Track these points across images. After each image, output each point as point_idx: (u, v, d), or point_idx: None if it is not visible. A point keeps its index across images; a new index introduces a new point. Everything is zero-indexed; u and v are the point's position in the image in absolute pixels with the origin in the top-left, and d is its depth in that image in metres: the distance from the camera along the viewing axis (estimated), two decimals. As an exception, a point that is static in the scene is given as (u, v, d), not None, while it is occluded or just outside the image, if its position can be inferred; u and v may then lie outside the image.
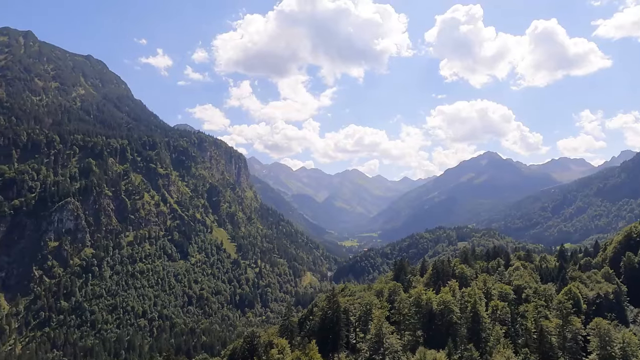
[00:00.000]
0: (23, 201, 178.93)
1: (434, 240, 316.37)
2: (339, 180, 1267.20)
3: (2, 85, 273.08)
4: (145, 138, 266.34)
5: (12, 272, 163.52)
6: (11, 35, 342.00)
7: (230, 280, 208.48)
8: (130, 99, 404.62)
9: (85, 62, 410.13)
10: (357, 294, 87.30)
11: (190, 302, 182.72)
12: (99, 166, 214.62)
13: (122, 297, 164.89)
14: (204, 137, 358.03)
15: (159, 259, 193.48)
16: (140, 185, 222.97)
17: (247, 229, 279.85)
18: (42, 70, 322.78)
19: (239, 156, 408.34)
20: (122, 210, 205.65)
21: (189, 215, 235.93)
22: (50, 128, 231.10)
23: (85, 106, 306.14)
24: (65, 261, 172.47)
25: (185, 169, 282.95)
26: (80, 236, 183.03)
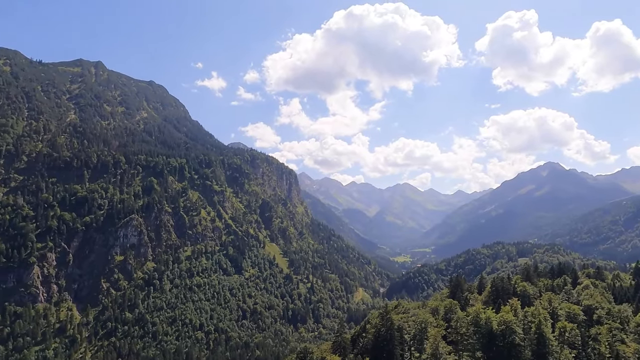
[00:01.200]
0: (93, 218, 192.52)
1: (492, 256, 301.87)
2: (389, 194, 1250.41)
3: (76, 112, 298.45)
4: (201, 157, 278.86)
5: (83, 284, 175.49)
6: (84, 66, 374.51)
7: (283, 295, 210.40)
8: (188, 120, 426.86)
9: (148, 87, 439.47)
10: (411, 312, 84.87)
11: (245, 316, 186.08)
12: (160, 184, 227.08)
13: (180, 309, 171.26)
14: (256, 154, 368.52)
15: (215, 273, 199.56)
16: (198, 202, 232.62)
17: (298, 244, 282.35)
18: (110, 97, 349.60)
19: (290, 172, 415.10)
20: (181, 226, 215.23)
21: (242, 230, 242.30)
22: (117, 149, 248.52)
23: (147, 128, 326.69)
24: (130, 274, 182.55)
25: (239, 186, 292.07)
26: (143, 250, 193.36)
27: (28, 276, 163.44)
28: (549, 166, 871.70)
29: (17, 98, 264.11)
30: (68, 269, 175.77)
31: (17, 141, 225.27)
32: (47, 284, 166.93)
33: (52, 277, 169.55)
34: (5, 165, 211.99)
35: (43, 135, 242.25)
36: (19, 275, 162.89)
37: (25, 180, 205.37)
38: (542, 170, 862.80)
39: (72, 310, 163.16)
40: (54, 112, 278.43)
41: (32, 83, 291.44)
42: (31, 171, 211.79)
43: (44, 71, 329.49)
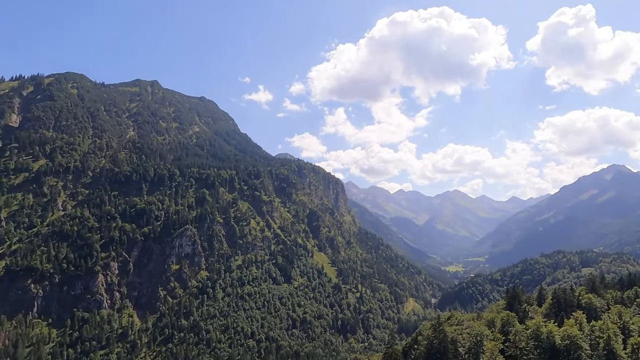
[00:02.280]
0: (151, 228, 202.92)
1: (552, 265, 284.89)
2: (439, 202, 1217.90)
3: (135, 129, 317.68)
4: (250, 168, 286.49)
5: (143, 291, 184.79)
6: (141, 86, 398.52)
7: (332, 304, 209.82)
8: (237, 133, 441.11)
9: (199, 103, 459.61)
10: (465, 324, 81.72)
11: (295, 325, 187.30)
12: (211, 195, 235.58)
13: (232, 317, 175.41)
14: (303, 164, 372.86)
15: (265, 282, 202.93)
16: (247, 212, 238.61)
17: (346, 253, 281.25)
18: (165, 113, 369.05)
19: (337, 181, 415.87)
20: (232, 236, 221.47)
21: (291, 240, 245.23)
22: (172, 163, 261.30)
23: (199, 142, 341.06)
24: (185, 283, 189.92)
25: (286, 196, 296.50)
26: (197, 260, 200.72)
27: (94, 284, 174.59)
28: (614, 169, 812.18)
29: (83, 118, 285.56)
30: (129, 277, 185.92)
31: (83, 158, 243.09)
32: (110, 292, 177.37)
33: (115, 285, 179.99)
34: (73, 180, 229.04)
35: (106, 152, 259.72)
36: (85, 282, 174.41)
37: (90, 194, 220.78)
38: (606, 174, 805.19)
39: (132, 317, 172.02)
40: (115, 130, 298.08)
41: (96, 104, 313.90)
42: (95, 185, 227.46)
43: (106, 92, 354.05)
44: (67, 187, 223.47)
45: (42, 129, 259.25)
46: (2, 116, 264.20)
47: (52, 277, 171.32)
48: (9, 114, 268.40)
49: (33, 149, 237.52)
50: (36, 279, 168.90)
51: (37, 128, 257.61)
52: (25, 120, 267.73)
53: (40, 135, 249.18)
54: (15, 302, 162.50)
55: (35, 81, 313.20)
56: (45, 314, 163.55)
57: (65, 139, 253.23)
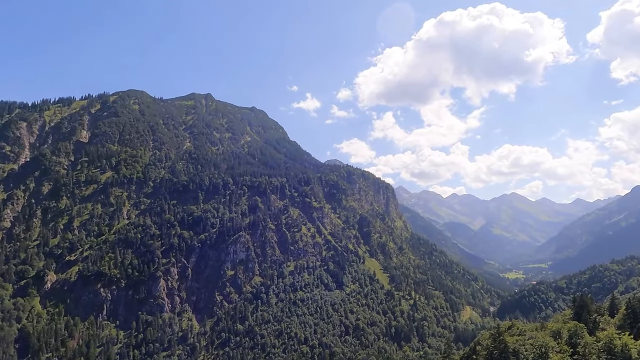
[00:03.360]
0: (207, 235, 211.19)
1: (625, 272, 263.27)
2: (495, 205, 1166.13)
3: (191, 140, 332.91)
4: (300, 175, 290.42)
5: (200, 296, 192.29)
6: (196, 99, 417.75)
7: (385, 311, 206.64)
8: (287, 141, 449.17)
9: (250, 113, 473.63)
10: (527, 334, 77.35)
11: (347, 332, 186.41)
12: (263, 203, 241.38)
13: (286, 323, 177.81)
14: (352, 170, 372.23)
15: (317, 288, 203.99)
16: (298, 219, 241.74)
17: (398, 259, 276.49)
18: (218, 125, 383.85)
19: (387, 186, 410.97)
20: (284, 242, 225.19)
21: (342, 246, 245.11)
22: (225, 172, 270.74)
23: (251, 151, 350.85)
24: (240, 288, 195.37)
25: (336, 202, 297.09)
26: (251, 266, 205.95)
27: (156, 288, 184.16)
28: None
29: (144, 132, 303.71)
30: (188, 282, 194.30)
31: (145, 169, 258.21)
32: (171, 296, 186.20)
33: (175, 290, 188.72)
34: (136, 191, 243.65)
35: (165, 163, 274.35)
36: (148, 287, 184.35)
37: (151, 203, 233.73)
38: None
39: (192, 321, 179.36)
40: (173, 142, 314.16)
41: (155, 118, 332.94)
42: (156, 195, 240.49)
43: (164, 106, 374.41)
44: (131, 197, 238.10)
45: (109, 143, 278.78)
46: (74, 133, 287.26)
47: (119, 282, 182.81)
48: (79, 131, 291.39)
49: (101, 162, 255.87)
50: (105, 284, 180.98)
51: (104, 142, 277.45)
52: (93, 135, 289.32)
53: (107, 149, 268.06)
54: (87, 305, 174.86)
55: (102, 99, 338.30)
56: (114, 317, 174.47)
57: (129, 152, 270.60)
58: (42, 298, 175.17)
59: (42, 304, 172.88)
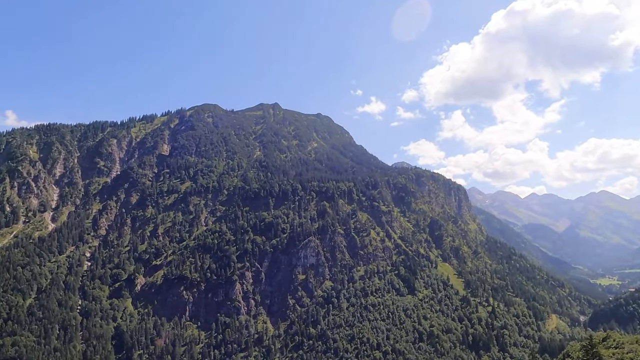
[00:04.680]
0: (278, 240, 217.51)
1: None
2: (581, 205, 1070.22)
3: (260, 149, 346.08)
4: (367, 179, 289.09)
5: (274, 300, 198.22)
6: (264, 109, 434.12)
7: (461, 318, 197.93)
8: (353, 145, 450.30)
9: (316, 119, 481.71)
10: (626, 347, 69.90)
11: (421, 339, 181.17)
12: (331, 208, 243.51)
13: (358, 328, 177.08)
14: (420, 172, 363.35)
15: (388, 293, 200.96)
16: (367, 223, 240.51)
17: (474, 264, 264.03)
18: (286, 132, 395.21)
19: (458, 188, 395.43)
20: (353, 247, 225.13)
21: (412, 250, 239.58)
22: (294, 178, 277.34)
23: (318, 157, 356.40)
24: (311, 292, 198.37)
25: (405, 205, 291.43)
26: (321, 270, 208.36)
27: (232, 291, 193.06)
28: None
29: (218, 143, 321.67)
30: (261, 286, 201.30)
31: (219, 178, 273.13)
32: (246, 299, 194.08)
33: (250, 293, 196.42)
34: (212, 199, 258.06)
35: (237, 172, 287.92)
36: (226, 290, 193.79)
37: (226, 210, 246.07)
38: None
39: (266, 323, 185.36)
40: (244, 151, 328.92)
41: (227, 129, 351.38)
42: (230, 202, 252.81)
43: (235, 118, 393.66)
44: (207, 205, 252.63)
45: (187, 155, 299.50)
46: (157, 147, 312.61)
47: (199, 285, 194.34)
48: (161, 145, 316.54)
49: (180, 173, 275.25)
50: (187, 287, 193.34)
51: (182, 155, 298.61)
52: (173, 148, 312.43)
53: (185, 161, 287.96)
54: (172, 306, 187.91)
55: (180, 114, 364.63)
56: (195, 318, 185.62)
57: (205, 163, 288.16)
58: (134, 299, 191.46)
59: (133, 304, 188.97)
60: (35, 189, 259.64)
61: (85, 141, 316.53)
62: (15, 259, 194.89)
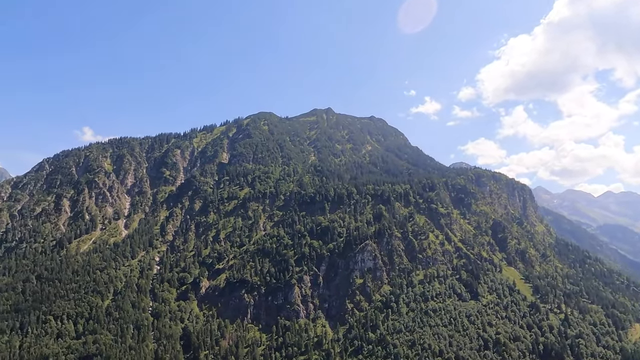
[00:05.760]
0: (335, 245, 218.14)
1: None
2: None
3: (315, 154, 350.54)
4: (424, 181, 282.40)
5: (332, 303, 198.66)
6: (317, 114, 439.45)
7: (530, 325, 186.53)
8: (408, 147, 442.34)
9: (370, 122, 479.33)
10: None
11: (487, 346, 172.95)
12: (387, 211, 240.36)
13: (418, 333, 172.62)
14: (480, 172, 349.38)
15: (449, 298, 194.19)
16: (425, 226, 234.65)
17: (542, 268, 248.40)
18: (339, 137, 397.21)
19: (522, 187, 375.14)
20: (411, 250, 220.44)
21: (474, 253, 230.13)
22: (349, 182, 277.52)
23: (372, 160, 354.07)
24: (369, 296, 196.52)
25: (465, 207, 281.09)
26: (379, 274, 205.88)
27: (291, 295, 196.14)
28: None
29: (274, 149, 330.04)
30: (319, 290, 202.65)
31: (276, 184, 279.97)
32: (305, 303, 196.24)
33: (309, 297, 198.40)
34: (270, 204, 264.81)
35: (293, 177, 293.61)
36: (285, 294, 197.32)
37: (283, 215, 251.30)
38: None
39: (325, 327, 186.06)
40: (299, 157, 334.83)
41: (282, 136, 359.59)
42: (287, 207, 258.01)
43: (290, 125, 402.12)
44: (265, 210, 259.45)
45: (244, 162, 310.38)
46: (217, 155, 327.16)
47: (259, 289, 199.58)
48: (221, 153, 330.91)
49: (239, 180, 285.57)
50: (248, 290, 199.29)
51: (240, 162, 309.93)
52: (232, 156, 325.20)
53: (244, 168, 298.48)
54: (234, 308, 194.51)
55: (237, 123, 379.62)
56: (256, 320, 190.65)
57: (262, 169, 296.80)
58: (199, 302, 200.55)
59: (199, 306, 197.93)
60: (110, 198, 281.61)
61: (152, 152, 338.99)
62: (94, 263, 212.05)
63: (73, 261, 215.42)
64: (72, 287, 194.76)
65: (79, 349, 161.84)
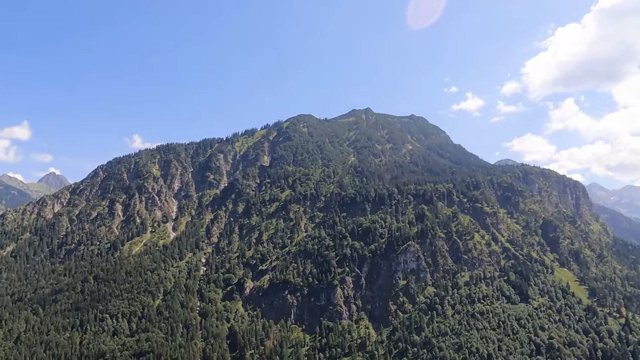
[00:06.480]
0: (377, 246, 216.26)
1: None
2: None
3: (355, 154, 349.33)
4: (468, 179, 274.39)
5: (375, 305, 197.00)
6: (356, 115, 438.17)
7: (586, 330, 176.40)
8: (450, 145, 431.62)
9: (410, 121, 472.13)
10: None
11: (539, 351, 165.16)
12: (430, 211, 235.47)
13: (465, 337, 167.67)
14: (528, 169, 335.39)
15: (497, 301, 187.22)
16: (469, 226, 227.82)
17: (599, 269, 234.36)
18: (379, 137, 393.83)
19: (575, 184, 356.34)
20: (455, 251, 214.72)
21: (523, 254, 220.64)
22: (390, 182, 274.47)
23: (413, 159, 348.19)
24: (413, 298, 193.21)
25: (512, 205, 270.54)
26: (422, 275, 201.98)
27: (333, 296, 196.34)
28: None
29: (314, 151, 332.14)
30: (362, 291, 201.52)
31: (316, 185, 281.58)
32: (347, 304, 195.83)
33: (351, 298, 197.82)
34: (310, 205, 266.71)
35: (333, 178, 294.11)
36: (327, 295, 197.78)
37: (324, 216, 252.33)
38: None
39: (368, 329, 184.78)
40: (339, 158, 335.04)
41: (322, 137, 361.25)
42: (328, 209, 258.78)
43: (329, 126, 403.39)
44: (306, 212, 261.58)
45: (285, 164, 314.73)
46: (258, 159, 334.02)
47: (302, 290, 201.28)
48: (262, 156, 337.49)
49: (280, 182, 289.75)
50: (291, 291, 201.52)
51: (281, 165, 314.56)
52: (273, 159, 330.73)
53: (284, 170, 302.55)
54: (278, 309, 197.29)
55: (277, 127, 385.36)
56: (300, 321, 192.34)
57: (302, 171, 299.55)
58: (244, 302, 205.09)
59: (244, 307, 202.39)
60: (159, 202, 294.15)
61: (197, 157, 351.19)
62: (145, 264, 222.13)
63: (126, 262, 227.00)
64: (125, 287, 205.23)
65: (133, 346, 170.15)
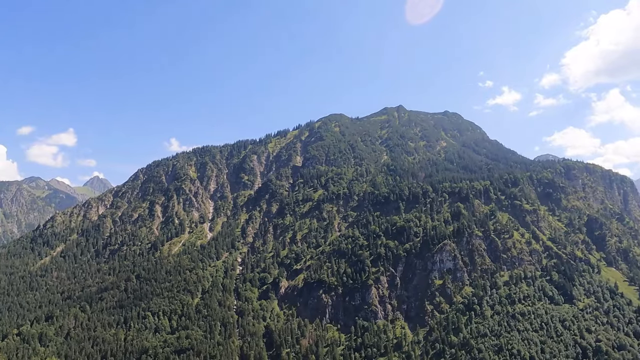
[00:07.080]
0: (412, 245, 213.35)
1: None
2: None
3: (387, 153, 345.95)
4: (506, 176, 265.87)
5: (411, 305, 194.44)
6: (388, 113, 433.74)
7: (637, 333, 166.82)
8: (486, 141, 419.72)
9: (443, 117, 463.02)
10: None
11: (585, 355, 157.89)
12: (466, 209, 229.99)
13: (506, 338, 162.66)
14: (570, 164, 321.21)
15: (540, 301, 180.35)
16: (508, 224, 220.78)
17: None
18: (412, 134, 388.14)
19: (622, 179, 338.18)
20: (494, 250, 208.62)
21: (567, 253, 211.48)
22: (424, 180, 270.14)
23: (448, 156, 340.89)
24: (450, 298, 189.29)
25: (554, 202, 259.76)
26: (459, 275, 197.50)
27: (368, 296, 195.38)
28: None
29: (346, 150, 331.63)
30: (397, 291, 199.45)
31: (349, 185, 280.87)
32: (383, 304, 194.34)
33: (386, 298, 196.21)
34: (344, 205, 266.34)
35: (366, 177, 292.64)
36: (362, 294, 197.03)
37: (358, 215, 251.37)
38: None
39: (404, 329, 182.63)
40: (371, 157, 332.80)
41: (354, 136, 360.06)
42: (361, 208, 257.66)
43: (361, 125, 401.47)
44: (339, 211, 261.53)
45: (317, 164, 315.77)
46: (291, 159, 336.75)
47: (336, 289, 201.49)
48: (294, 157, 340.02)
49: (313, 182, 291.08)
50: (325, 290, 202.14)
51: (314, 164, 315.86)
52: (305, 159, 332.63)
53: (317, 170, 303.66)
54: (313, 308, 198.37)
55: (309, 127, 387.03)
56: (335, 320, 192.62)
57: (335, 171, 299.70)
58: (279, 301, 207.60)
59: (279, 306, 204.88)
60: (196, 203, 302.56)
61: (231, 159, 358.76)
62: (184, 264, 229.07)
63: (166, 262, 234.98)
64: (165, 285, 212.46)
65: (174, 343, 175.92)
